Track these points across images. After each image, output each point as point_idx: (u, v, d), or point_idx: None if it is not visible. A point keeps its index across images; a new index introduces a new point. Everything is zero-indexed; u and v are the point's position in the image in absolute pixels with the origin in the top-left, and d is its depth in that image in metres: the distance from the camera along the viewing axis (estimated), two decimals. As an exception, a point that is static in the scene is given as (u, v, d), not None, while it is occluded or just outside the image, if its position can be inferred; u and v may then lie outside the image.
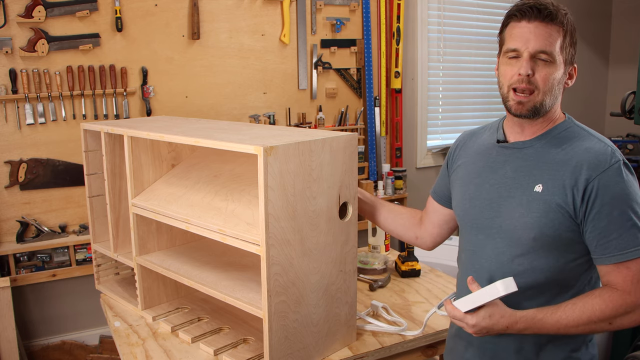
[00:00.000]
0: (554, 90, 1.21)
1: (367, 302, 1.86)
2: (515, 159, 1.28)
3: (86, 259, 2.57)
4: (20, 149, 2.47)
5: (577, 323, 1.16)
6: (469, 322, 1.21)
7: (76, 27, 2.50)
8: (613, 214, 1.14)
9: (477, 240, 1.34)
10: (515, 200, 1.25)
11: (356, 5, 3.13)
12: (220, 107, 2.86)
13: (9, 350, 2.36)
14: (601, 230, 1.16)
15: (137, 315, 1.84)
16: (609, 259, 1.16)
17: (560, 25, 1.19)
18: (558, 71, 1.20)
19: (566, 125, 1.26)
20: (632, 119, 2.82)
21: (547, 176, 1.21)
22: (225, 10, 2.80)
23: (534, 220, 1.21)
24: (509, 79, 1.22)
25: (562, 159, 1.21)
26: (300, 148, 1.35)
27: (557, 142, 1.24)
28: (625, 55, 4.09)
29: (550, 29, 1.18)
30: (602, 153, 1.18)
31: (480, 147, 1.39)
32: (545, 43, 1.18)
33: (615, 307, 1.15)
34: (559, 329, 1.18)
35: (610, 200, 1.14)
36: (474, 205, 1.34)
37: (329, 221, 1.46)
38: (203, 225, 1.51)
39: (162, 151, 1.83)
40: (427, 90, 3.54)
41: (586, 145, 1.20)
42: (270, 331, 1.35)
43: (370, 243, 2.37)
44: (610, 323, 1.16)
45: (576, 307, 1.17)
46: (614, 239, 1.15)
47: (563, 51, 1.20)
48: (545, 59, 1.18)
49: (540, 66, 1.19)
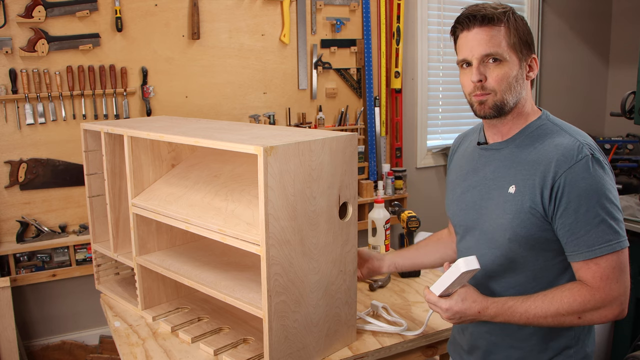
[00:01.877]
0: (514, 87, 1.21)
1: (367, 302, 1.86)
2: (493, 160, 1.30)
3: (86, 259, 2.57)
4: (20, 149, 2.47)
5: (545, 314, 1.17)
6: (442, 306, 1.24)
7: (76, 27, 2.49)
8: (580, 210, 1.14)
9: (465, 241, 1.38)
10: (494, 201, 1.26)
11: (356, 5, 3.13)
12: (220, 107, 2.86)
13: (9, 350, 2.36)
14: (569, 227, 1.15)
15: (137, 315, 1.84)
16: (578, 256, 1.16)
17: (501, 24, 1.19)
18: (511, 68, 1.20)
19: (539, 122, 1.26)
20: (632, 119, 2.82)
21: (519, 177, 1.22)
22: (225, 10, 2.80)
23: (507, 222, 1.22)
24: (468, 88, 1.25)
25: (533, 159, 1.21)
26: (300, 148, 1.35)
27: (530, 140, 1.24)
28: (625, 55, 4.08)
29: (491, 31, 1.19)
30: (570, 148, 1.16)
31: (466, 150, 1.42)
32: (489, 46, 1.19)
33: (583, 302, 1.15)
34: (528, 319, 1.19)
35: (577, 196, 1.14)
36: (460, 208, 1.37)
37: (329, 221, 1.46)
38: (203, 225, 1.51)
39: (162, 151, 1.83)
40: (427, 90, 3.54)
41: (556, 141, 1.20)
42: (270, 331, 1.35)
43: (370, 243, 2.37)
44: (580, 317, 1.16)
45: (546, 298, 1.18)
46: (582, 235, 1.15)
47: (512, 48, 1.20)
48: (495, 59, 1.20)
49: (491, 68, 1.20)
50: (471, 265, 1.19)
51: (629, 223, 2.70)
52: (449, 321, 1.27)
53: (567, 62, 3.99)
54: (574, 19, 4.01)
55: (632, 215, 2.80)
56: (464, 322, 1.25)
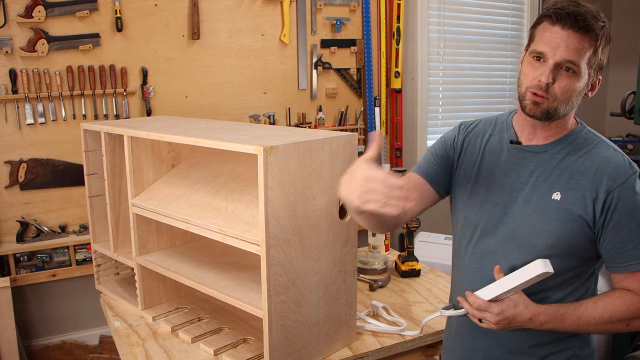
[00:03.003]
0: (572, 101, 1.18)
1: (367, 302, 1.86)
2: (529, 163, 1.26)
3: (86, 259, 2.57)
4: (20, 149, 2.47)
5: (597, 321, 1.19)
6: (494, 310, 1.20)
7: (76, 27, 2.49)
8: (631, 225, 1.17)
9: (486, 244, 1.29)
10: (531, 206, 1.23)
11: (356, 5, 3.13)
12: (220, 107, 2.86)
13: (9, 350, 2.36)
14: (620, 240, 1.18)
15: (137, 315, 1.84)
16: (626, 268, 1.19)
17: (595, 38, 1.13)
18: (580, 82, 1.16)
19: (580, 131, 1.26)
20: (632, 119, 2.82)
21: (565, 184, 1.20)
22: (225, 10, 2.80)
23: (552, 228, 1.20)
24: (529, 81, 1.18)
25: (581, 168, 1.20)
26: (300, 148, 1.35)
27: (574, 149, 1.23)
28: (625, 55, 4.08)
29: (583, 40, 1.12)
30: (621, 165, 1.19)
31: (491, 146, 1.33)
32: (574, 54, 1.12)
33: (636, 309, 1.18)
34: (579, 326, 1.20)
35: (629, 211, 1.17)
36: (484, 208, 1.30)
37: (329, 221, 1.46)
38: (203, 225, 1.51)
39: (162, 151, 1.83)
40: (427, 90, 3.54)
41: (603, 154, 1.21)
42: (270, 331, 1.35)
43: (370, 243, 2.37)
44: (628, 324, 1.20)
45: (597, 305, 1.20)
46: (631, 248, 1.17)
47: (590, 64, 1.16)
48: (569, 69, 1.14)
49: (563, 76, 1.15)
50: (548, 268, 1.16)
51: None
52: (495, 327, 1.22)
53: (567, 62, 3.98)
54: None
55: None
56: (510, 328, 1.22)
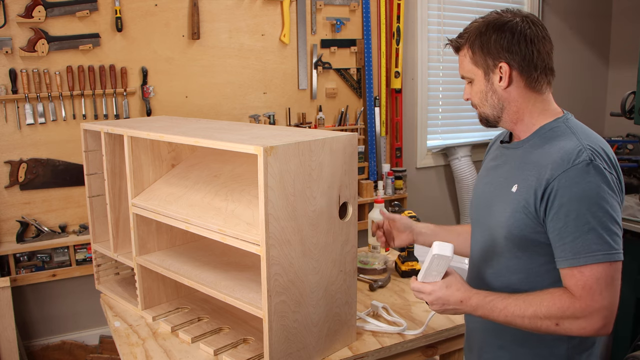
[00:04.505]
0: (487, 101, 1.27)
1: (367, 302, 1.86)
2: (509, 159, 1.31)
3: (86, 259, 2.57)
4: (20, 149, 2.47)
5: (522, 314, 1.15)
6: (426, 289, 1.25)
7: (76, 27, 2.50)
8: (570, 215, 1.11)
9: (474, 235, 1.40)
10: (500, 199, 1.27)
11: (356, 5, 3.13)
12: (220, 107, 2.86)
13: (9, 350, 2.36)
14: (559, 231, 1.13)
15: (137, 315, 1.84)
16: (563, 262, 1.13)
17: (465, 47, 1.27)
18: (479, 85, 1.27)
19: (553, 124, 1.24)
20: (632, 119, 2.82)
21: (522, 176, 1.22)
22: (225, 10, 2.80)
23: (505, 220, 1.23)
24: None
25: (536, 160, 1.20)
26: (300, 148, 1.35)
27: (541, 142, 1.23)
28: (625, 55, 4.09)
29: (460, 56, 1.30)
30: (569, 152, 1.14)
31: (494, 149, 1.44)
32: (461, 69, 1.30)
33: (562, 308, 1.12)
34: (506, 316, 1.18)
35: (569, 201, 1.11)
36: (477, 203, 1.39)
37: (329, 221, 1.46)
38: (203, 225, 1.51)
39: (162, 151, 1.83)
40: (427, 90, 3.54)
41: (561, 144, 1.17)
42: (270, 331, 1.35)
43: (370, 243, 2.37)
44: (557, 324, 1.13)
45: (527, 298, 1.17)
46: (569, 241, 1.12)
47: (476, 65, 1.26)
48: (468, 81, 1.30)
49: (468, 88, 1.31)
50: (443, 251, 1.21)
51: (629, 223, 2.70)
52: (431, 307, 1.27)
53: (567, 62, 3.99)
54: (574, 19, 4.01)
55: (632, 215, 2.80)
56: (447, 310, 1.26)
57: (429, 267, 1.24)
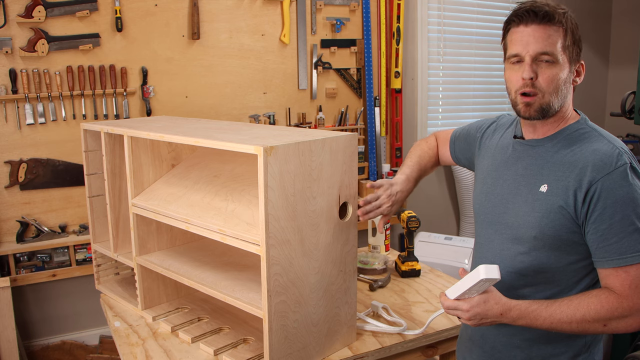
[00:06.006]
0: (561, 90, 1.21)
1: (367, 302, 1.86)
2: (527, 156, 1.29)
3: (86, 259, 2.57)
4: (20, 149, 2.47)
5: (570, 319, 1.16)
6: (463, 307, 1.21)
7: (76, 27, 2.50)
8: (615, 217, 1.14)
9: (486, 233, 1.37)
10: (522, 198, 1.26)
11: (356, 5, 3.12)
12: (220, 107, 2.86)
13: (9, 350, 2.36)
14: (602, 233, 1.15)
15: (137, 315, 1.84)
16: (608, 263, 1.16)
17: (560, 24, 1.19)
18: (562, 71, 1.20)
19: (578, 125, 1.26)
20: (632, 119, 2.82)
21: (553, 177, 1.22)
22: (225, 10, 2.80)
23: (535, 220, 1.22)
24: (515, 84, 1.23)
25: (569, 161, 1.21)
26: (300, 148, 1.35)
27: (567, 142, 1.24)
28: (625, 55, 4.09)
29: (549, 29, 1.18)
30: (609, 155, 1.16)
31: (502, 141, 1.40)
32: (545, 44, 1.18)
33: (610, 309, 1.14)
34: (552, 323, 1.18)
35: (613, 203, 1.14)
36: (488, 199, 1.37)
37: (329, 221, 1.46)
38: (203, 225, 1.51)
39: (162, 151, 1.83)
40: (427, 90, 3.54)
41: (594, 146, 1.19)
42: (270, 331, 1.35)
43: (370, 243, 2.37)
44: (605, 325, 1.16)
45: (572, 303, 1.17)
46: (614, 242, 1.14)
47: (566, 50, 1.20)
48: (547, 60, 1.18)
49: (544, 68, 1.19)
50: (491, 274, 1.16)
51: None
52: (468, 323, 1.23)
53: (567, 62, 3.98)
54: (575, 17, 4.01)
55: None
56: (484, 324, 1.23)
57: (470, 288, 1.19)
